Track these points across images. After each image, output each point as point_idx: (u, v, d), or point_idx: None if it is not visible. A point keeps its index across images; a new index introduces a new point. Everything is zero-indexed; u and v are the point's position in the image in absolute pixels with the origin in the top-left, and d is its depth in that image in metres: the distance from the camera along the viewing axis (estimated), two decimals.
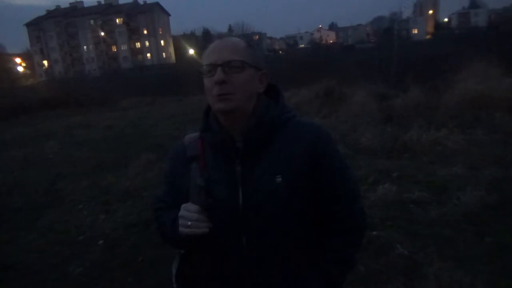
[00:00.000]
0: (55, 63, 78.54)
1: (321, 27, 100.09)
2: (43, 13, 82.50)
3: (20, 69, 77.01)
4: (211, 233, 1.21)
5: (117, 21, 76.20)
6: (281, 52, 66.53)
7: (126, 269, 3.72)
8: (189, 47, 59.55)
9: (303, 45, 79.40)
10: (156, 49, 75.36)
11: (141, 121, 14.61)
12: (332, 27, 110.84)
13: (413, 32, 75.33)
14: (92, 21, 76.65)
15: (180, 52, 67.18)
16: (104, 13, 76.51)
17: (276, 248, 1.26)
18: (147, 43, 75.65)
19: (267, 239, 1.25)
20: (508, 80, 8.59)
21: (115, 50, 77.15)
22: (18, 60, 78.38)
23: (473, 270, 3.00)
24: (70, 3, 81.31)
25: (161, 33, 76.88)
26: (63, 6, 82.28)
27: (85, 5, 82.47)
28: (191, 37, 76.04)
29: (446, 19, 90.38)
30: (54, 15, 79.46)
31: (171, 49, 78.20)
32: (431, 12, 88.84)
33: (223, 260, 1.29)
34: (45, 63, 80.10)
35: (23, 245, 4.54)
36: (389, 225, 3.91)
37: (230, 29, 76.45)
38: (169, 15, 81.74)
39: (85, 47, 77.99)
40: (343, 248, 1.31)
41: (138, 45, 76.42)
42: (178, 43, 72.65)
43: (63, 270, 3.82)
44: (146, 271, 3.63)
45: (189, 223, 1.21)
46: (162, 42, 77.16)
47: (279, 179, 1.22)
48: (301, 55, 37.98)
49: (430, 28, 77.18)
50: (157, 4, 77.46)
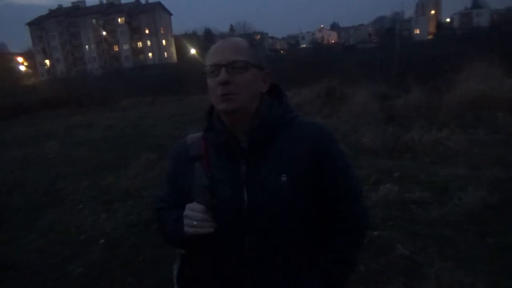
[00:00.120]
0: (57, 62, 78.66)
1: (323, 27, 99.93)
2: (45, 12, 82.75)
3: (22, 68, 77.20)
4: (215, 233, 1.21)
5: (119, 20, 76.32)
6: (282, 52, 66.38)
7: (126, 269, 3.72)
8: (190, 47, 59.57)
9: (304, 45, 79.24)
10: (157, 49, 75.43)
11: (141, 121, 14.62)
12: (334, 27, 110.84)
13: (415, 32, 75.26)
14: (94, 21, 76.78)
15: (181, 51, 67.18)
16: (106, 12, 76.63)
17: (277, 248, 1.26)
18: (149, 43, 75.75)
19: (270, 239, 1.25)
20: (510, 80, 8.58)
21: (117, 49, 77.23)
22: (20, 59, 78.58)
23: (474, 270, 2.99)
24: (72, 3, 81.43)
25: (162, 32, 76.96)
26: (65, 5, 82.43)
27: (87, 4, 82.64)
28: (192, 37, 76.09)
29: (448, 19, 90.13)
30: (56, 14, 79.60)
31: (173, 49, 78.25)
32: (433, 12, 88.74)
33: (223, 260, 1.29)
34: (47, 62, 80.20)
35: (23, 245, 4.54)
36: (390, 225, 3.90)
37: (231, 29, 76.43)
38: (170, 14, 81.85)
39: (87, 47, 78.09)
40: (344, 248, 1.30)
41: (139, 44, 76.54)
42: (179, 42, 72.68)
43: (63, 270, 3.82)
44: (146, 271, 3.62)
45: (195, 223, 1.21)
46: (163, 41, 77.24)
47: (284, 179, 1.22)
48: (303, 55, 37.94)
49: (432, 28, 77.03)
50: (159, 3, 77.54)
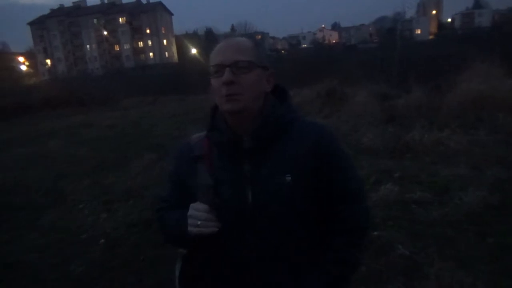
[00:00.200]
0: (58, 62, 78.69)
1: (323, 27, 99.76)
2: (47, 12, 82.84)
3: (23, 68, 77.26)
4: (219, 233, 1.21)
5: (120, 20, 76.37)
6: (283, 52, 66.18)
7: (126, 268, 3.72)
8: (191, 47, 59.54)
9: (305, 45, 79.10)
10: (158, 49, 75.47)
11: (142, 121, 14.62)
12: (334, 27, 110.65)
13: (416, 32, 75.13)
14: (95, 20, 76.84)
15: (182, 51, 67.07)
16: (107, 12, 76.68)
17: (278, 248, 1.26)
18: (150, 43, 75.79)
19: (271, 239, 1.25)
20: (510, 80, 8.54)
21: (118, 49, 77.28)
22: (21, 59, 78.64)
23: (475, 270, 2.99)
24: (73, 2, 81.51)
25: (163, 32, 77.00)
26: (66, 5, 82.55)
27: (88, 4, 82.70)
28: (193, 37, 76.07)
29: (449, 20, 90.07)
30: (57, 14, 79.68)
31: (174, 49, 78.24)
32: (434, 12, 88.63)
33: (224, 260, 1.29)
34: (48, 62, 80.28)
35: (24, 244, 4.55)
36: (391, 225, 3.90)
37: (232, 29, 76.43)
38: (171, 14, 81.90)
39: (88, 46, 78.15)
40: (345, 248, 1.30)
41: (140, 44, 76.58)
42: (180, 42, 72.59)
43: (64, 269, 3.82)
44: (146, 271, 3.63)
45: (199, 223, 1.21)
46: (164, 41, 77.28)
47: (287, 179, 1.22)
48: (304, 55, 37.85)
49: (433, 28, 76.96)
50: (160, 3, 77.58)
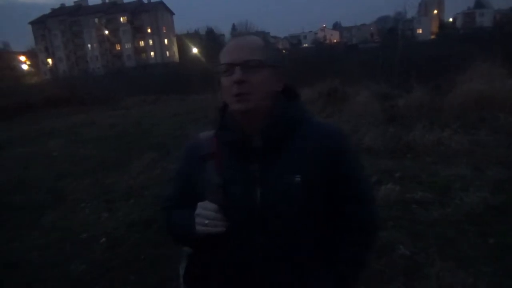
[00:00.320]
0: (60, 61, 78.75)
1: (325, 27, 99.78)
2: (48, 11, 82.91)
3: (24, 67, 77.43)
4: (227, 233, 1.21)
5: (121, 19, 76.40)
6: (284, 51, 66.20)
7: (127, 267, 3.72)
8: (192, 46, 59.54)
9: (306, 45, 79.06)
10: (160, 48, 75.50)
11: (144, 120, 14.60)
12: (336, 26, 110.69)
13: (418, 32, 75.07)
14: (96, 20, 76.90)
15: (183, 51, 67.13)
16: (108, 11, 76.73)
17: (287, 248, 1.25)
18: (151, 42, 75.84)
19: (279, 239, 1.24)
20: None
21: (119, 48, 77.35)
22: (22, 58, 78.82)
23: (475, 270, 2.99)
24: (74, 2, 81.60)
25: (165, 31, 77.03)
26: (68, 4, 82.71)
27: (90, 3, 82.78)
28: (194, 36, 76.04)
29: (451, 19, 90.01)
30: (59, 13, 79.75)
31: (175, 48, 78.29)
32: (435, 12, 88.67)
33: (231, 259, 1.28)
34: (50, 61, 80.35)
35: (25, 243, 4.56)
36: (391, 225, 3.90)
37: (233, 28, 76.41)
38: (173, 14, 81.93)
39: (89, 46, 78.22)
40: (352, 247, 1.30)
41: (142, 43, 76.64)
42: (181, 42, 72.62)
43: (65, 268, 3.83)
44: (147, 270, 3.63)
45: (207, 222, 1.20)
46: (166, 41, 77.31)
47: (297, 179, 1.22)
48: (305, 55, 37.80)
49: (434, 28, 76.83)
50: (161, 3, 77.60)
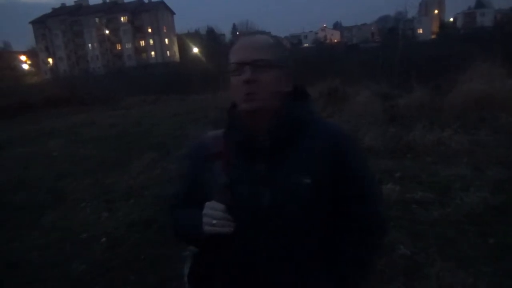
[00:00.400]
0: (60, 61, 78.71)
1: (325, 26, 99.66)
2: (49, 11, 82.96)
3: (25, 66, 77.45)
4: (233, 233, 1.20)
5: (122, 19, 76.37)
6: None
7: (127, 267, 3.72)
8: (193, 46, 59.56)
9: (307, 44, 78.99)
10: (160, 48, 75.48)
11: (144, 120, 14.60)
12: (336, 26, 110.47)
13: (418, 31, 74.95)
14: (97, 19, 76.87)
15: (184, 50, 67.15)
16: (109, 11, 76.72)
17: (291, 248, 1.24)
18: (152, 42, 75.83)
19: (284, 239, 1.23)
20: None
21: (120, 48, 77.32)
22: (23, 57, 78.83)
23: (475, 270, 2.99)
24: (75, 1, 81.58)
25: (165, 31, 77.00)
26: (68, 4, 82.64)
27: (90, 3, 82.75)
28: (195, 36, 76.08)
29: (451, 19, 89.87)
30: (59, 13, 79.71)
31: (175, 48, 78.27)
32: (436, 11, 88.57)
33: (236, 259, 1.27)
34: (50, 61, 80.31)
35: (26, 243, 4.56)
36: (392, 225, 3.89)
37: (234, 28, 76.41)
38: (173, 13, 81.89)
39: (90, 45, 78.19)
40: (357, 248, 1.29)
41: (142, 43, 76.62)
42: (182, 41, 72.63)
43: (65, 268, 3.83)
44: (147, 270, 3.63)
45: (214, 222, 1.19)
46: (166, 40, 77.28)
47: (305, 180, 1.21)
48: (305, 54, 37.81)
49: (435, 28, 76.74)
50: (162, 2, 77.57)
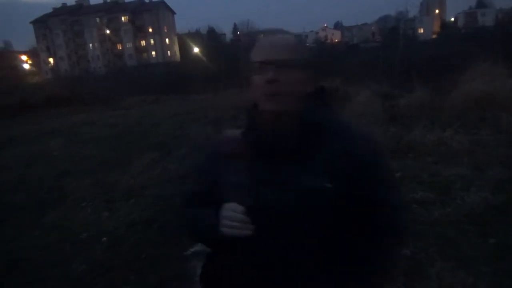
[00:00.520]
0: (61, 60, 78.69)
1: (326, 26, 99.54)
2: (50, 10, 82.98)
3: (26, 66, 77.53)
4: (252, 235, 1.17)
5: (123, 19, 76.34)
6: None
7: (127, 267, 3.72)
8: (194, 46, 59.53)
9: (308, 44, 79.04)
10: (161, 47, 75.48)
11: (144, 120, 14.59)
12: (337, 26, 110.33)
13: (419, 31, 74.83)
14: (97, 19, 76.84)
15: (185, 50, 67.08)
16: (109, 11, 76.71)
17: (307, 252, 1.21)
18: (152, 41, 75.81)
19: (300, 243, 1.21)
20: None
21: (121, 48, 77.30)
22: (24, 57, 78.90)
23: (476, 271, 2.99)
24: (76, 1, 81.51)
25: (166, 31, 76.99)
26: (69, 4, 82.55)
27: (91, 3, 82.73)
28: (196, 36, 75.98)
29: (452, 19, 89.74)
30: (60, 13, 79.69)
31: (176, 47, 78.22)
32: (437, 11, 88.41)
33: (251, 261, 1.24)
34: (51, 60, 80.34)
35: (25, 243, 4.57)
36: None
37: (235, 28, 76.40)
38: (174, 13, 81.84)
39: (90, 45, 78.16)
40: (375, 254, 1.26)
41: (143, 43, 76.60)
42: (183, 41, 72.56)
43: (66, 267, 3.83)
44: (147, 270, 3.63)
45: (234, 224, 1.18)
46: (167, 40, 77.27)
47: (324, 183, 1.18)
48: None
49: (436, 27, 76.61)
50: (163, 2, 77.54)
